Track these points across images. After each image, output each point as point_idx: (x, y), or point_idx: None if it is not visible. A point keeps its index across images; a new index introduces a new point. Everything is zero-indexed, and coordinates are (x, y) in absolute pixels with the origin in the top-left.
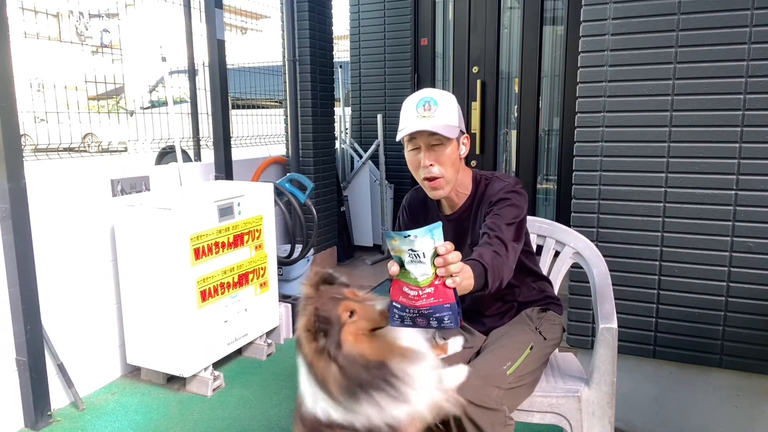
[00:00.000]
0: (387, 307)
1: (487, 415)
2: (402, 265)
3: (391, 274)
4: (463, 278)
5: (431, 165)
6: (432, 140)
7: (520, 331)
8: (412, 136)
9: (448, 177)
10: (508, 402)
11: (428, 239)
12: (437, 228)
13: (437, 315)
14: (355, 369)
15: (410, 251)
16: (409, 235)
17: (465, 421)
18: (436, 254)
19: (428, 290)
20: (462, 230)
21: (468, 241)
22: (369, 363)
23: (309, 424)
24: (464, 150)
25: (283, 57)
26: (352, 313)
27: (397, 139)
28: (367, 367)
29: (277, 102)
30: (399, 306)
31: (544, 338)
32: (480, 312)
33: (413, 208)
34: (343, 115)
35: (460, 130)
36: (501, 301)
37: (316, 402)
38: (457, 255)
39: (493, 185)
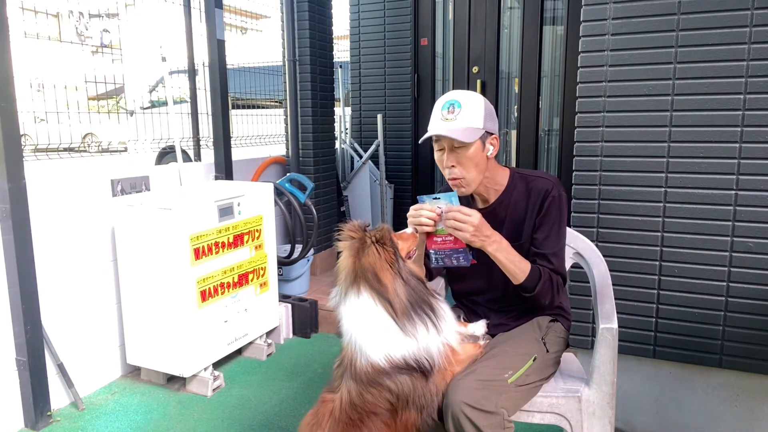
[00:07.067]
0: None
1: (485, 417)
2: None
3: (424, 229)
4: (479, 237)
5: (453, 166)
6: (454, 142)
7: (526, 340)
8: (437, 138)
9: (469, 178)
10: (507, 405)
11: (448, 202)
12: (454, 196)
13: (455, 255)
14: (414, 284)
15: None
16: (437, 197)
17: (464, 421)
18: None
19: (449, 238)
20: (492, 225)
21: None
22: (421, 283)
23: (366, 378)
24: (492, 150)
25: (283, 57)
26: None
27: (420, 141)
28: (421, 286)
29: (277, 102)
30: (434, 251)
31: (547, 350)
32: (488, 306)
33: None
34: (343, 115)
35: (486, 131)
36: (515, 300)
37: (371, 345)
38: (464, 215)
39: (537, 183)
